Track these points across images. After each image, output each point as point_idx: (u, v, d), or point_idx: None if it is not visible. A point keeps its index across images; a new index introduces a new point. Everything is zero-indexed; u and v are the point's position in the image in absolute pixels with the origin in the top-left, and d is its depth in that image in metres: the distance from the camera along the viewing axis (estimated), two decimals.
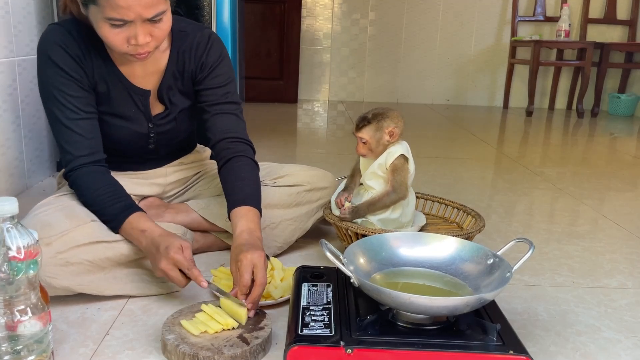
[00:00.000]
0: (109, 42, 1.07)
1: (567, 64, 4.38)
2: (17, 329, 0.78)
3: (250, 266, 1.02)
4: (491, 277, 0.99)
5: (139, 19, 1.02)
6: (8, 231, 0.77)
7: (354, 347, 0.84)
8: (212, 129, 1.25)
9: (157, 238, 1.08)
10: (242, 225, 1.12)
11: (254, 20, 4.16)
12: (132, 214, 1.12)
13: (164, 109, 1.27)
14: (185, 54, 1.23)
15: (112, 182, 1.17)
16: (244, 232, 1.11)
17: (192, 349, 0.90)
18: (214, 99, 1.26)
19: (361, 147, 1.37)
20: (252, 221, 1.14)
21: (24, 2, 1.78)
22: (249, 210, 1.15)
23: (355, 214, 1.33)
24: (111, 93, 1.20)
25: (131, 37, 1.05)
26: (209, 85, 1.26)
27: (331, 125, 3.58)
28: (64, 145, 1.16)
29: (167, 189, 1.42)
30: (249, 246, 1.06)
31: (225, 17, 1.87)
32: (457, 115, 4.10)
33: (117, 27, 1.03)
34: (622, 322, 1.14)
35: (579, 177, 2.39)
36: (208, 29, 1.28)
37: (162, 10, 1.05)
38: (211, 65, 1.25)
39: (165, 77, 1.23)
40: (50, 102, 1.15)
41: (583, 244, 1.58)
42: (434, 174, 2.33)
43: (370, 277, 1.02)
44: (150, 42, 1.07)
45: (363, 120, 1.35)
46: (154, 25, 1.06)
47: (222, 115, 1.26)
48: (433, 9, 4.47)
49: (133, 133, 1.26)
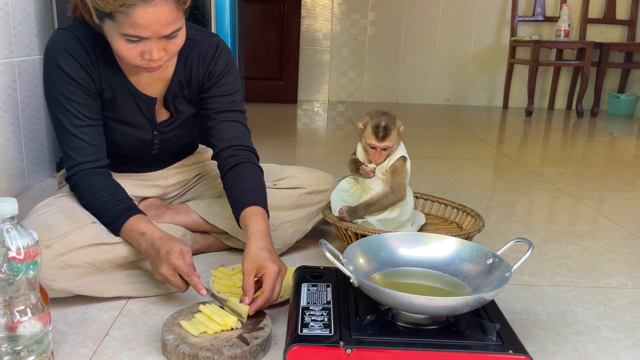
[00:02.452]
0: (122, 56, 1.06)
1: (566, 64, 4.38)
2: (17, 330, 0.79)
3: (274, 280, 1.03)
4: (490, 277, 0.99)
5: (155, 36, 1.02)
6: (8, 232, 0.77)
7: (354, 347, 0.84)
8: (218, 136, 1.25)
9: (157, 241, 1.07)
10: (261, 225, 1.12)
11: (253, 20, 4.16)
12: (132, 216, 1.12)
13: (170, 116, 1.27)
14: (193, 62, 1.23)
15: (112, 185, 1.17)
16: (263, 233, 1.10)
17: (192, 349, 0.90)
18: (220, 106, 1.26)
19: (381, 155, 1.34)
20: (267, 223, 1.15)
21: (24, 3, 1.78)
22: (262, 212, 1.16)
23: (353, 214, 1.33)
24: (117, 99, 1.19)
25: (145, 52, 1.04)
26: (216, 93, 1.25)
27: (331, 125, 3.58)
28: (68, 151, 1.15)
29: (168, 190, 1.42)
30: (273, 256, 1.07)
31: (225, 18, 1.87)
32: (456, 116, 4.10)
33: (132, 43, 1.02)
34: (622, 321, 1.14)
35: (579, 177, 2.39)
36: (217, 37, 1.27)
37: (179, 27, 1.05)
38: (219, 74, 1.25)
39: (171, 85, 1.23)
40: (57, 108, 1.14)
41: (582, 244, 1.58)
42: (434, 174, 2.33)
43: (369, 277, 1.02)
44: (164, 57, 1.07)
45: (385, 130, 1.31)
46: (168, 41, 1.05)
47: (228, 122, 1.26)
48: (432, 9, 4.47)
49: (137, 139, 1.26)
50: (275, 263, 1.04)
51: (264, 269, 1.03)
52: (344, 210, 1.33)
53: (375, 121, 1.32)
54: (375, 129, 1.31)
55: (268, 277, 1.02)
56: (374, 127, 1.32)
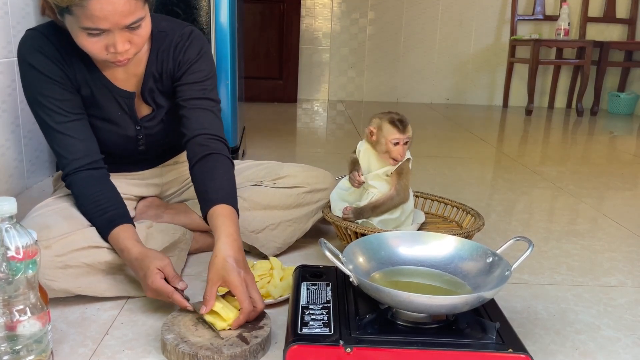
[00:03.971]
0: (87, 51, 1.04)
1: (566, 63, 4.38)
2: (16, 329, 0.78)
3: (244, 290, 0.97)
4: (490, 276, 0.99)
5: (116, 27, 1.00)
6: (7, 231, 0.77)
7: (353, 346, 0.84)
8: (186, 124, 1.19)
9: (134, 262, 1.06)
10: (229, 228, 1.05)
11: (253, 20, 4.16)
12: (115, 227, 1.09)
13: (151, 111, 1.25)
14: (164, 54, 1.20)
15: (102, 190, 1.14)
16: (229, 238, 1.03)
17: (192, 348, 0.90)
18: (190, 94, 1.21)
19: (405, 149, 1.30)
20: (235, 224, 1.08)
21: (23, 3, 1.78)
22: (232, 212, 1.09)
23: (359, 215, 1.33)
24: (95, 96, 1.18)
25: (110, 45, 1.02)
26: (186, 81, 1.21)
27: (331, 124, 3.58)
28: (58, 150, 1.15)
29: (165, 188, 1.42)
30: (239, 265, 1.00)
31: (224, 17, 1.87)
32: (456, 115, 4.10)
33: (95, 36, 1.00)
34: (622, 320, 1.14)
35: (579, 175, 2.39)
36: (189, 26, 1.24)
37: (140, 17, 1.02)
38: (189, 62, 1.21)
39: (145, 79, 1.21)
40: (37, 107, 1.13)
41: (582, 243, 1.58)
42: (434, 173, 2.33)
43: (369, 276, 1.02)
44: (130, 49, 1.05)
45: (404, 120, 1.30)
46: (132, 33, 1.03)
47: (198, 110, 1.20)
48: (432, 8, 4.47)
49: (121, 137, 1.24)
50: (239, 274, 0.98)
51: (228, 283, 0.98)
52: (349, 211, 1.32)
53: (389, 117, 1.30)
54: (393, 123, 1.29)
55: (237, 290, 0.97)
56: (391, 121, 1.29)
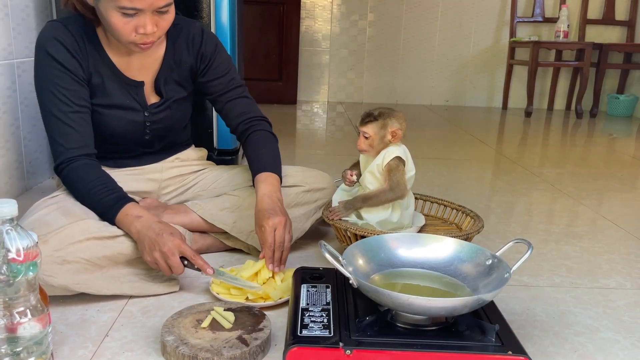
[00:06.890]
0: (117, 31, 1.12)
1: (565, 65, 4.38)
2: (16, 331, 0.79)
3: (272, 231, 1.15)
4: (490, 278, 0.99)
5: (150, 8, 1.09)
6: (7, 233, 0.77)
7: (353, 348, 0.84)
8: (228, 116, 1.37)
9: (156, 224, 1.11)
10: (263, 189, 1.23)
11: (253, 21, 4.16)
12: (128, 203, 1.15)
13: (160, 99, 1.31)
14: (182, 45, 1.30)
15: (103, 175, 1.19)
16: (265, 196, 1.21)
17: (192, 350, 0.90)
18: (222, 88, 1.35)
19: (363, 142, 1.36)
20: (272, 184, 1.25)
21: (23, 4, 1.78)
22: (269, 175, 1.26)
23: (349, 206, 1.33)
24: (106, 84, 1.24)
25: (139, 27, 1.11)
26: (214, 76, 1.34)
27: (330, 126, 3.58)
28: (55, 137, 1.20)
29: (163, 185, 1.42)
30: (271, 212, 1.17)
31: (224, 18, 1.87)
32: (456, 116, 4.11)
33: (128, 16, 1.09)
34: (621, 322, 1.14)
35: (578, 177, 2.40)
36: (198, 22, 1.35)
37: (170, 2, 1.12)
38: (210, 56, 1.32)
39: (162, 68, 1.29)
40: (45, 94, 1.19)
41: (581, 245, 1.58)
42: (433, 175, 2.33)
43: (369, 278, 1.02)
44: (156, 32, 1.13)
45: (369, 116, 1.35)
46: (160, 17, 1.13)
47: (233, 101, 1.36)
48: (432, 10, 4.47)
49: (129, 122, 1.28)
50: (270, 218, 1.16)
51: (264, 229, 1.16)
52: (341, 206, 1.34)
53: (371, 110, 1.37)
54: (362, 114, 1.37)
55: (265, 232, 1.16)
56: (364, 112, 1.37)
